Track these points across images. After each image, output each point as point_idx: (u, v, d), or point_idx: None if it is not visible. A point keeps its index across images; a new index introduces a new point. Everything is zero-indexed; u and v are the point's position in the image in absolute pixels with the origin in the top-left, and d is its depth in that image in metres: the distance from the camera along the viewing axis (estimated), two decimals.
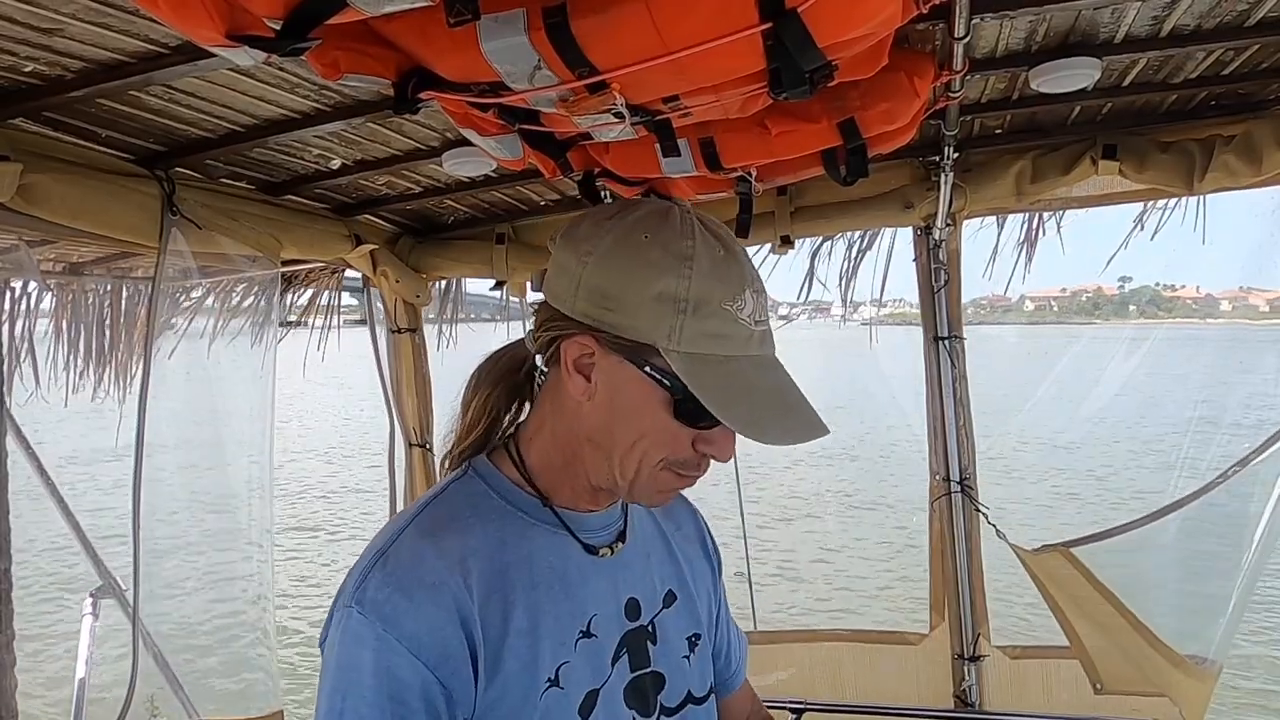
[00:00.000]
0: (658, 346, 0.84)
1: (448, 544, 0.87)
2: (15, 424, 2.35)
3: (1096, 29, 1.53)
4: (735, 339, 0.86)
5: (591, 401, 0.89)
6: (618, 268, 0.86)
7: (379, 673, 0.80)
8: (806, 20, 0.92)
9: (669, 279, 0.84)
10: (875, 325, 3.04)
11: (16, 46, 1.30)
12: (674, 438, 0.88)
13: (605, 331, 0.86)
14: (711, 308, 0.84)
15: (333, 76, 1.03)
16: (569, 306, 0.88)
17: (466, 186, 2.36)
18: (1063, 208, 2.42)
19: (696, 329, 0.84)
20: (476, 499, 0.93)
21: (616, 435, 0.89)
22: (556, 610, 0.91)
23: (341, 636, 0.83)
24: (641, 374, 0.86)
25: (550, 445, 0.95)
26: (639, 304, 0.84)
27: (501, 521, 0.92)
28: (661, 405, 0.86)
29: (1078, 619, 2.45)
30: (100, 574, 2.71)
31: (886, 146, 1.61)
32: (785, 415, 0.87)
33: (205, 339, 2.78)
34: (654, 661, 0.99)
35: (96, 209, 1.70)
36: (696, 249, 0.86)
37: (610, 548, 0.99)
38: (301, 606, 8.05)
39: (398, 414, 2.94)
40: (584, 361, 0.88)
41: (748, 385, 0.86)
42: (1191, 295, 58.24)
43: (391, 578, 0.84)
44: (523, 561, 0.90)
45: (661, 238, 0.87)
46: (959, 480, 2.54)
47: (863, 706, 2.64)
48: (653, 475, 0.90)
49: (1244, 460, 2.23)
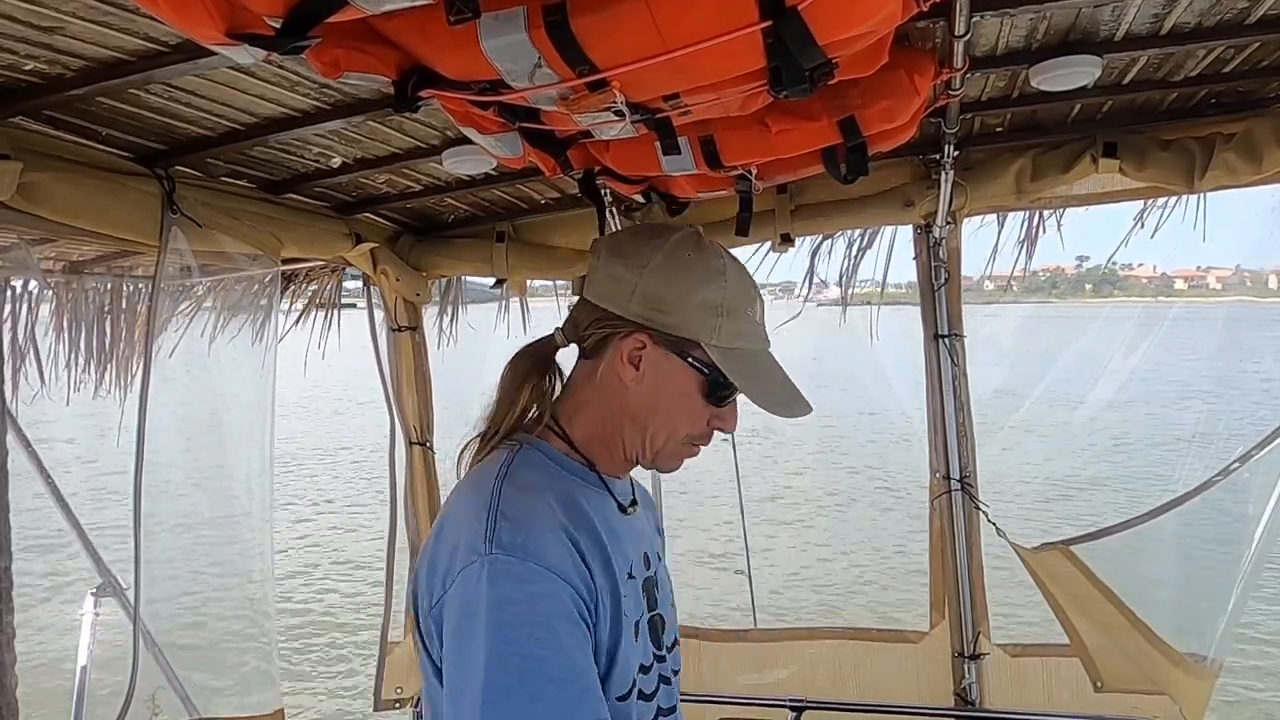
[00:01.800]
0: (701, 342, 1.06)
1: (539, 497, 1.01)
2: (16, 424, 2.36)
3: (1097, 27, 1.53)
4: (753, 336, 1.10)
5: (639, 386, 1.07)
6: (669, 278, 1.06)
7: (546, 598, 0.91)
8: (807, 18, 0.92)
9: (711, 289, 1.07)
10: (846, 307, 2.93)
11: (17, 45, 1.30)
12: (698, 415, 1.10)
13: (657, 329, 1.06)
14: (739, 312, 1.08)
15: (333, 75, 1.03)
16: (623, 309, 1.07)
17: (467, 185, 2.36)
18: (1063, 205, 2.42)
19: (731, 329, 1.07)
20: (539, 465, 1.08)
21: (655, 413, 1.09)
22: (614, 552, 1.05)
23: (490, 582, 0.91)
24: (685, 363, 1.07)
25: (593, 423, 1.12)
26: (687, 308, 1.06)
27: (564, 483, 1.07)
28: (697, 388, 1.08)
29: (1078, 617, 2.45)
30: (100, 573, 2.71)
31: (887, 144, 1.61)
32: (790, 395, 1.11)
33: (206, 338, 2.78)
34: (659, 605, 1.16)
35: (97, 207, 1.70)
36: (727, 266, 1.09)
37: (632, 507, 1.17)
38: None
39: (398, 412, 2.94)
40: (636, 354, 1.07)
41: (765, 371, 1.11)
42: (1148, 274, 58.44)
43: (519, 524, 0.95)
44: (587, 515, 1.04)
45: (702, 257, 1.08)
46: (959, 478, 2.54)
47: (863, 705, 2.64)
48: (676, 447, 1.11)
49: (1245, 457, 2.23)
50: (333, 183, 2.27)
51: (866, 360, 4.54)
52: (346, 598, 8.56)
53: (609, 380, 1.09)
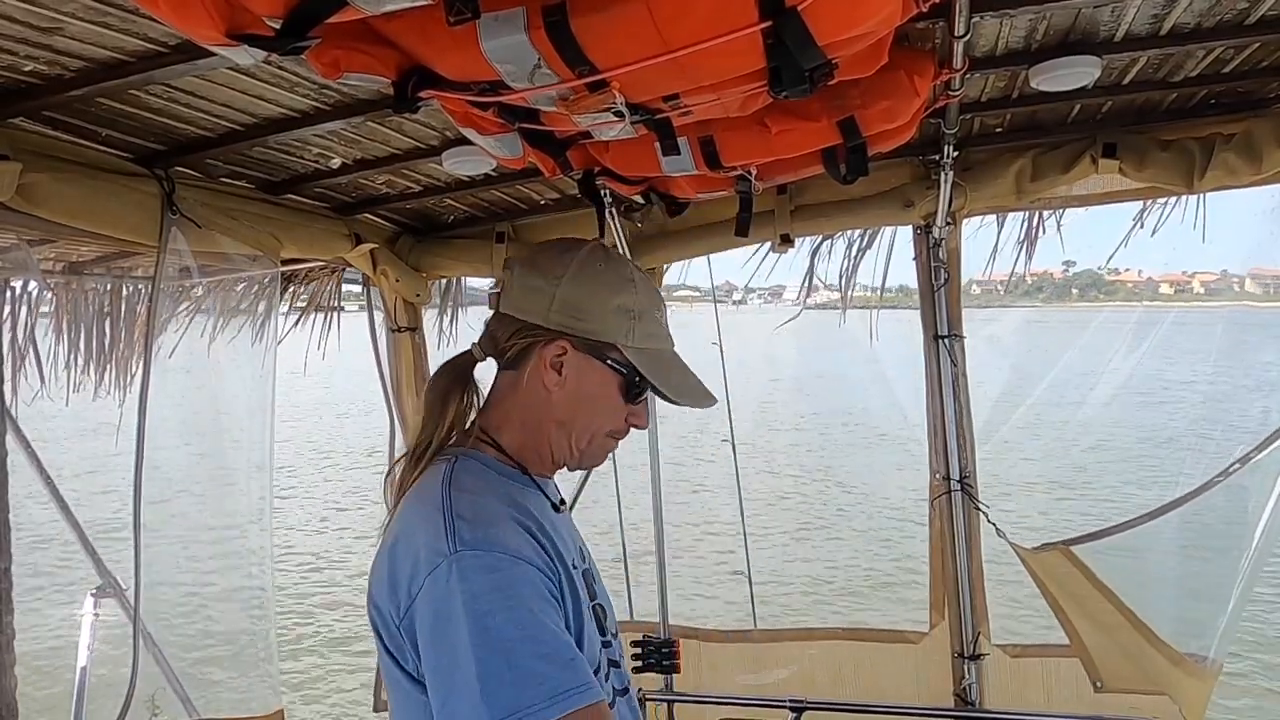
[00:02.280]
0: (618, 344, 1.14)
1: (486, 497, 1.06)
2: (15, 423, 2.35)
3: (1097, 27, 1.53)
4: (662, 337, 1.20)
5: (562, 390, 1.14)
6: (585, 287, 1.13)
7: (514, 583, 0.95)
8: (806, 19, 0.92)
9: (623, 295, 1.15)
10: (846, 309, 2.95)
11: (16, 45, 1.30)
12: (617, 413, 1.17)
13: (577, 335, 1.13)
14: (649, 316, 1.17)
15: (333, 75, 1.03)
16: (543, 318, 1.13)
17: (466, 185, 2.36)
18: (1063, 206, 2.42)
19: (643, 331, 1.15)
20: (478, 473, 1.12)
21: (579, 414, 1.15)
22: (557, 548, 1.09)
23: (460, 577, 0.93)
24: (604, 365, 1.14)
25: (521, 430, 1.17)
26: (604, 314, 1.13)
27: (503, 487, 1.12)
28: (616, 388, 1.15)
29: (1078, 617, 2.45)
30: (100, 573, 2.71)
31: (886, 145, 1.61)
32: (697, 388, 1.21)
33: (205, 338, 2.78)
34: (598, 595, 1.21)
35: (96, 208, 1.70)
36: (635, 275, 1.18)
37: (562, 505, 1.23)
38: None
39: (398, 413, 2.94)
40: (558, 359, 1.13)
41: (675, 368, 1.20)
42: (1133, 279, 58.53)
43: (477, 521, 1.00)
44: (529, 513, 1.09)
45: (611, 266, 1.17)
46: (959, 479, 2.54)
47: (863, 705, 2.64)
48: (600, 443, 1.19)
49: (1245, 458, 2.23)
50: (332, 183, 2.27)
51: (863, 364, 4.48)
52: (348, 600, 8.56)
53: (534, 387, 1.14)
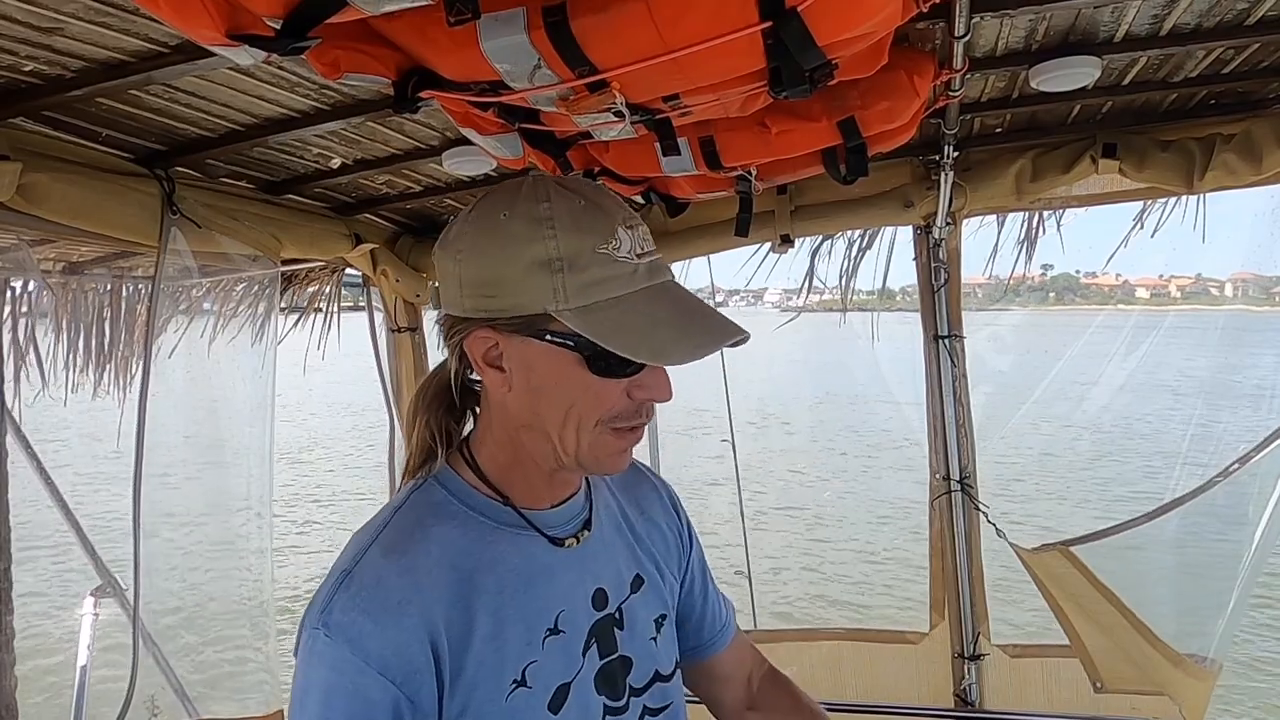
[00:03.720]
0: (549, 312, 0.85)
1: (410, 559, 0.89)
2: (16, 423, 2.36)
3: (1096, 28, 1.53)
4: (619, 278, 0.87)
5: (512, 390, 0.90)
6: (487, 253, 0.87)
7: (349, 694, 0.82)
8: (806, 19, 0.92)
9: (535, 246, 0.85)
10: (846, 310, 2.98)
11: (16, 46, 1.30)
12: (602, 394, 0.88)
13: (498, 317, 0.87)
14: (586, 258, 0.85)
15: (333, 76, 1.03)
16: (460, 308, 0.90)
17: (467, 185, 2.36)
18: (1063, 206, 2.42)
19: (578, 282, 0.85)
20: (438, 507, 0.94)
21: (546, 412, 0.90)
22: (522, 612, 0.92)
23: (309, 658, 0.85)
24: (546, 345, 0.86)
25: (496, 446, 0.97)
26: (517, 280, 0.86)
27: (464, 528, 0.93)
28: (576, 367, 0.87)
29: (1077, 618, 2.45)
30: (100, 573, 2.71)
31: (886, 145, 1.61)
32: (688, 333, 0.87)
33: (205, 338, 2.78)
34: (621, 646, 1.01)
35: (96, 208, 1.70)
36: (554, 209, 0.87)
37: (576, 537, 0.99)
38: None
39: (397, 412, 2.94)
40: (491, 354, 0.90)
41: (647, 317, 0.87)
42: (1110, 283, 58.52)
43: (356, 600, 0.85)
44: (486, 567, 0.91)
45: (518, 210, 0.87)
46: (959, 479, 2.54)
47: (863, 705, 2.64)
48: (594, 440, 0.90)
49: (1245, 458, 2.23)
50: (332, 183, 2.27)
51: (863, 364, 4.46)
52: None
53: (490, 394, 0.94)
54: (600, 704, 0.97)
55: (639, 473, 1.19)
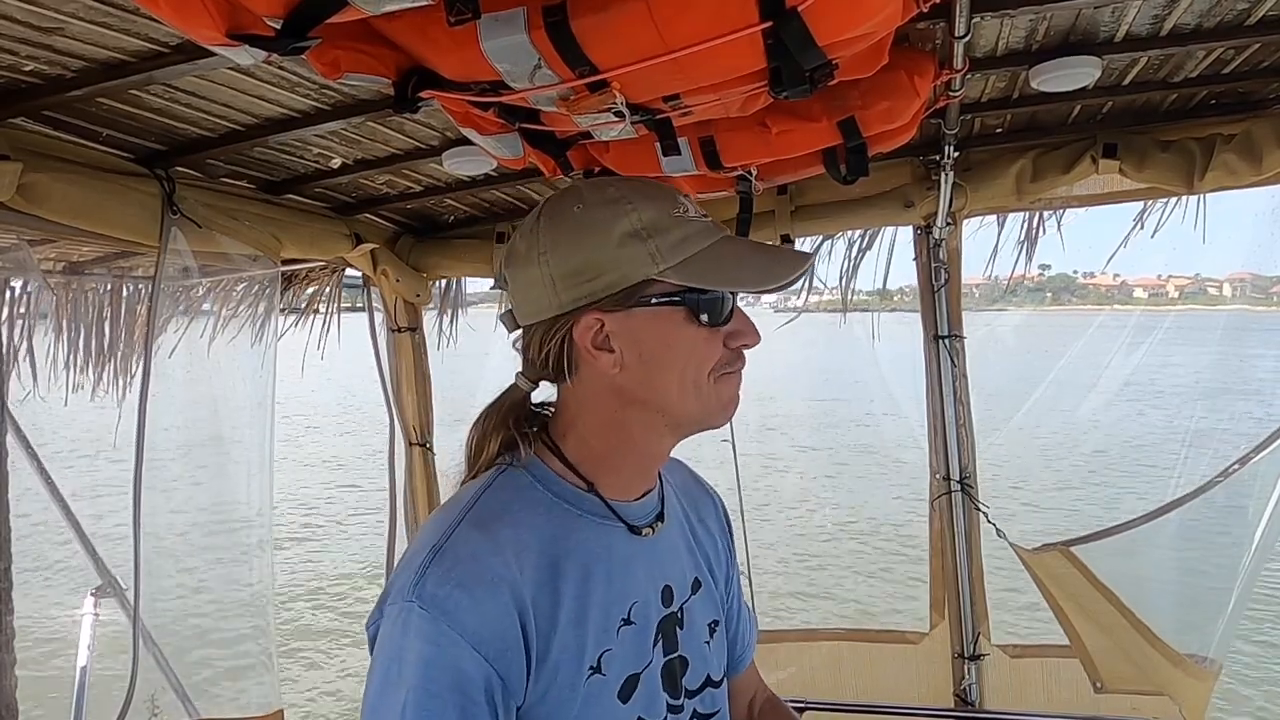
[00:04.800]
0: (651, 276, 0.90)
1: (502, 538, 0.89)
2: (16, 423, 2.35)
3: (1097, 28, 1.53)
4: (699, 233, 0.93)
5: (624, 368, 0.92)
6: (575, 243, 0.91)
7: (444, 666, 0.82)
8: (807, 19, 0.92)
9: (621, 221, 0.90)
10: (847, 311, 2.99)
11: (17, 46, 1.30)
12: (707, 347, 0.93)
13: (602, 298, 0.90)
14: (666, 221, 0.91)
15: (333, 76, 1.04)
16: (556, 305, 0.92)
17: (467, 185, 2.36)
18: (1063, 206, 2.42)
19: (668, 242, 0.90)
20: (523, 490, 0.95)
21: (661, 381, 0.93)
22: (602, 600, 0.93)
23: (401, 630, 0.84)
24: (652, 309, 0.91)
25: (590, 440, 0.98)
26: (612, 256, 0.90)
27: (549, 514, 0.94)
28: (685, 323, 0.91)
29: (1078, 618, 2.45)
30: (100, 573, 2.71)
31: (887, 145, 1.61)
32: (773, 262, 0.95)
33: (205, 338, 2.78)
34: (680, 646, 1.02)
35: (96, 208, 1.70)
36: (622, 190, 0.93)
37: (651, 527, 1.02)
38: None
39: (398, 413, 2.94)
40: (599, 338, 0.92)
41: (734, 258, 0.93)
42: (1107, 283, 58.44)
43: (451, 573, 0.85)
44: (571, 554, 0.93)
45: (589, 200, 0.93)
46: (959, 479, 2.54)
47: (863, 705, 2.64)
48: (711, 392, 0.94)
49: (1244, 459, 2.23)
50: (332, 183, 2.27)
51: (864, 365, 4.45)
52: (346, 598, 8.56)
53: (593, 383, 0.95)
54: (664, 700, 0.99)
55: (697, 481, 1.21)
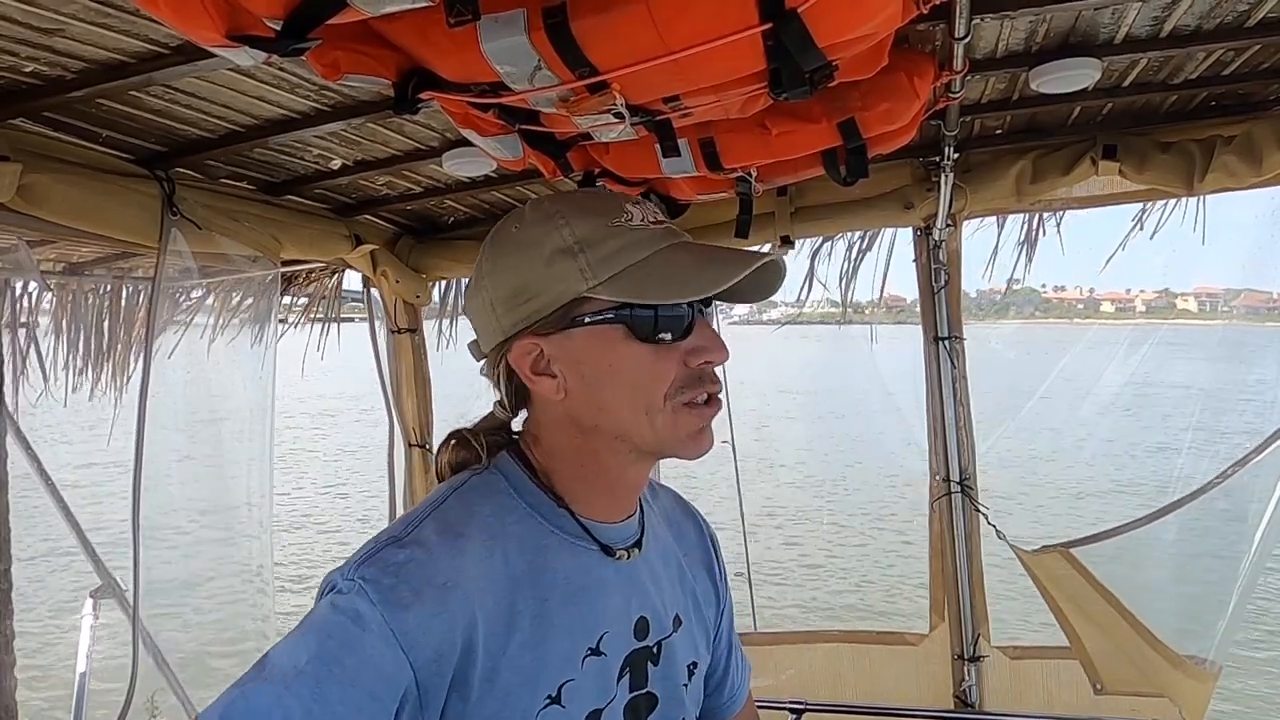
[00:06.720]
0: (582, 294, 0.84)
1: (464, 542, 0.84)
2: (15, 424, 2.35)
3: (1097, 29, 1.53)
4: (638, 243, 0.86)
5: (569, 394, 0.87)
6: (509, 265, 0.88)
7: (364, 655, 0.74)
8: (807, 20, 0.92)
9: (552, 238, 0.85)
10: (846, 310, 3.02)
11: (17, 47, 1.30)
12: (659, 364, 0.86)
13: (536, 320, 0.86)
14: (601, 232, 0.85)
15: (333, 77, 1.04)
16: (499, 330, 0.89)
17: (467, 187, 2.36)
18: (1063, 208, 2.42)
19: (600, 255, 0.84)
20: (496, 495, 0.90)
21: (611, 404, 0.87)
22: (568, 625, 0.87)
23: (338, 602, 0.77)
24: (587, 328, 0.85)
25: (558, 468, 0.92)
26: (543, 275, 0.85)
27: (521, 525, 0.89)
28: (625, 341, 0.85)
29: (1077, 619, 2.45)
30: (100, 574, 2.71)
31: (887, 147, 1.61)
32: (710, 266, 0.86)
33: (205, 338, 2.78)
34: (650, 683, 0.96)
35: (96, 209, 1.70)
36: (560, 206, 0.88)
37: (627, 551, 0.95)
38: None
39: (397, 414, 2.94)
40: (539, 363, 0.88)
41: (674, 265, 0.86)
42: (1076, 297, 58.63)
43: (404, 569, 0.79)
44: (538, 571, 0.87)
45: (526, 219, 0.89)
46: (959, 480, 2.54)
47: (863, 707, 2.64)
48: (669, 420, 0.87)
49: (1244, 460, 2.23)
50: (332, 184, 2.27)
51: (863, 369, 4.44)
52: None
53: (547, 411, 0.91)
54: None
55: (686, 511, 1.16)
